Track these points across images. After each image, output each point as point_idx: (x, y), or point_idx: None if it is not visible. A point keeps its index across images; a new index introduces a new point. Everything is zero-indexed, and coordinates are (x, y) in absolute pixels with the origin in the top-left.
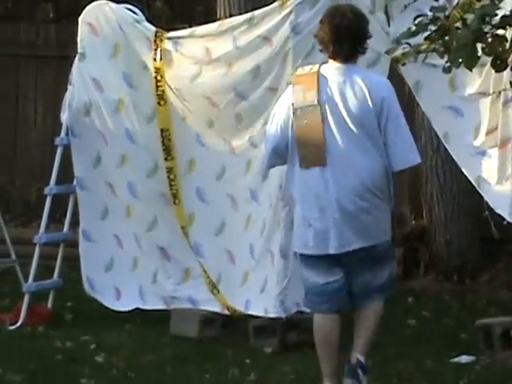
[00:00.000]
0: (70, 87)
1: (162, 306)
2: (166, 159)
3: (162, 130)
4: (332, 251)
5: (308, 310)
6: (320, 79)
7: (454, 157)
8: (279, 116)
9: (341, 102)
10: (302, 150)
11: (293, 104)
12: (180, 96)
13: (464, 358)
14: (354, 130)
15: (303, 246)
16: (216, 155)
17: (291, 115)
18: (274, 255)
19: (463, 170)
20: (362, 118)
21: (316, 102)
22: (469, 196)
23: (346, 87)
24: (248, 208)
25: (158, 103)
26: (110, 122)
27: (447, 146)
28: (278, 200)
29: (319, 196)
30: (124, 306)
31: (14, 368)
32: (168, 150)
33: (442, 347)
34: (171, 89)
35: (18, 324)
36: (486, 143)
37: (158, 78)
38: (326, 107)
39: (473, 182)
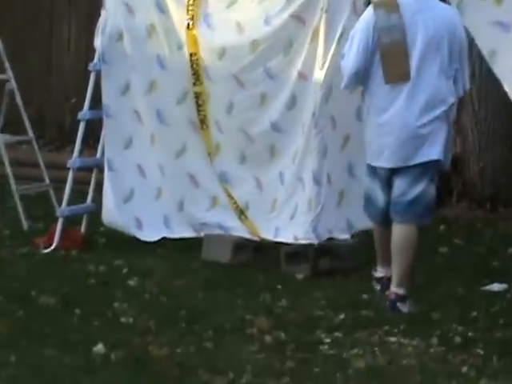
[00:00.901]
0: (103, 12)
1: (191, 234)
2: (194, 84)
3: (190, 55)
4: (391, 165)
5: (340, 237)
6: (400, 5)
7: (500, 76)
8: (359, 37)
9: (420, 25)
10: (387, 66)
11: (376, 23)
12: (209, 24)
13: (496, 286)
14: (430, 52)
15: (369, 156)
16: (226, 89)
17: (372, 36)
18: (306, 182)
19: (508, 92)
20: (438, 43)
21: (399, 22)
22: (503, 125)
23: (424, 13)
24: (269, 139)
25: (187, 26)
26: (141, 48)
27: (492, 66)
28: (311, 128)
29: (391, 111)
30: (149, 236)
31: (48, 291)
32: (197, 75)
33: (473, 275)
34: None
35: (52, 248)
36: None
37: (190, 2)
38: (407, 29)
39: None
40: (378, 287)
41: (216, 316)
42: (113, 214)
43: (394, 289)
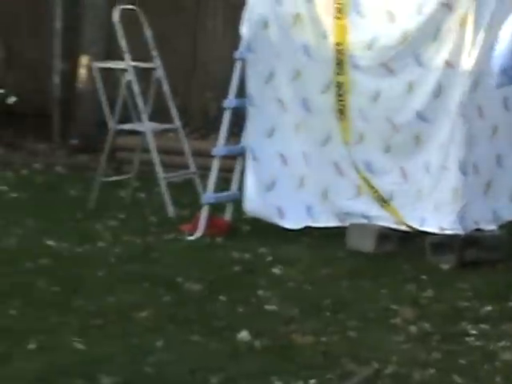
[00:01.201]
0: (250, 0)
1: (335, 223)
2: (337, 74)
3: (336, 44)
4: None
5: (486, 228)
6: None
7: None
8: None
9: None
10: None
11: None
12: (359, 12)
13: None
14: None
15: None
16: (373, 78)
17: None
18: (451, 172)
19: None
20: None
21: None
22: None
23: None
24: (414, 128)
25: (336, 16)
26: (287, 36)
27: None
28: (458, 117)
29: None
30: (291, 224)
31: (193, 277)
32: (341, 65)
33: None
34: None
35: (197, 235)
36: None
37: None
38: None
39: None
40: None
41: (360, 305)
42: (255, 202)
43: None
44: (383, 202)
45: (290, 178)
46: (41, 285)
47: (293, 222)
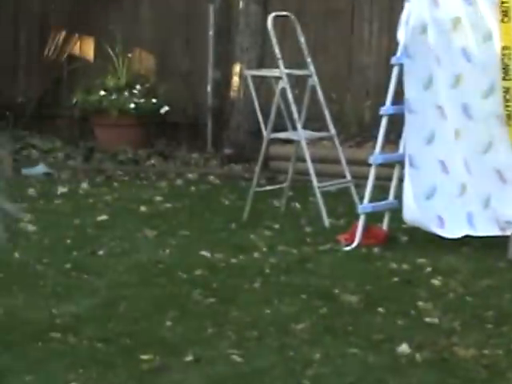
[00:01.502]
0: (407, 4)
1: (496, 232)
2: (503, 79)
3: (502, 48)
4: None
5: None
6: None
7: None
8: None
9: None
10: None
11: None
12: None
13: None
14: None
15: None
16: None
17: None
18: None
19: None
20: None
21: None
22: None
23: None
24: None
25: (502, 20)
26: (446, 40)
27: None
28: None
29: None
30: (451, 233)
31: (349, 289)
32: (507, 70)
33: None
34: None
35: (354, 245)
36: None
37: None
38: None
39: None
40: None
41: None
42: (414, 211)
43: None
44: None
45: (450, 185)
46: (196, 296)
47: (453, 230)
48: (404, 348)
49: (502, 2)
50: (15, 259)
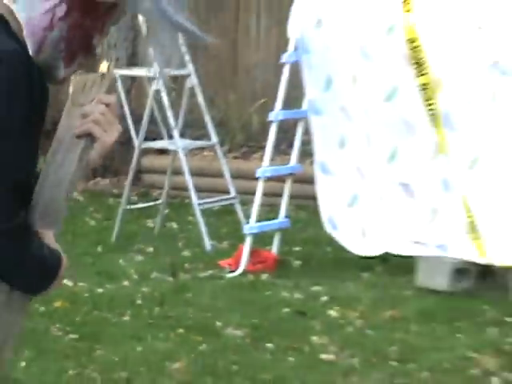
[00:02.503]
0: None
1: (412, 253)
2: (418, 75)
3: (409, 41)
4: None
5: None
6: None
7: None
8: None
9: None
10: None
11: None
12: None
13: None
14: None
15: None
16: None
17: None
18: None
19: None
20: None
21: None
22: None
23: None
24: None
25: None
26: (342, 35)
27: None
28: None
29: None
30: (369, 250)
31: (235, 321)
32: (420, 64)
33: None
34: None
35: (239, 271)
36: None
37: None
38: None
39: None
40: None
41: (433, 353)
42: (335, 220)
43: None
44: (472, 230)
45: (369, 194)
46: (55, 332)
47: (373, 246)
48: None
49: None
50: None
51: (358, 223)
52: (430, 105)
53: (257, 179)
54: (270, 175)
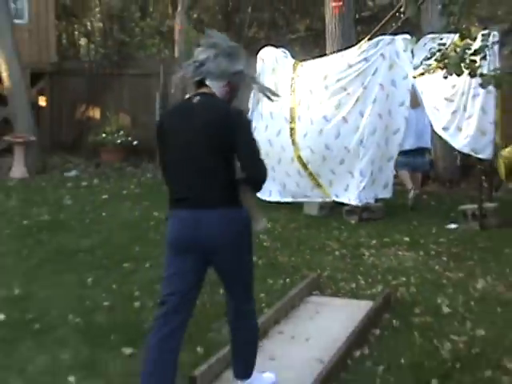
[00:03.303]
0: None
1: (291, 200)
2: (290, 122)
3: (291, 108)
4: None
5: (371, 202)
6: None
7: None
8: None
9: None
10: None
11: None
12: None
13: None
14: None
15: None
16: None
17: None
18: (355, 174)
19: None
20: None
21: None
22: None
23: None
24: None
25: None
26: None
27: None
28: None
29: None
30: (272, 198)
31: None
32: (292, 117)
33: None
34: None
35: None
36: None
37: (294, 76)
38: None
39: None
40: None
41: (311, 241)
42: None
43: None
44: (319, 186)
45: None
46: None
47: (275, 197)
48: None
49: (291, 84)
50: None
51: (273, 185)
52: (292, 135)
53: None
54: None
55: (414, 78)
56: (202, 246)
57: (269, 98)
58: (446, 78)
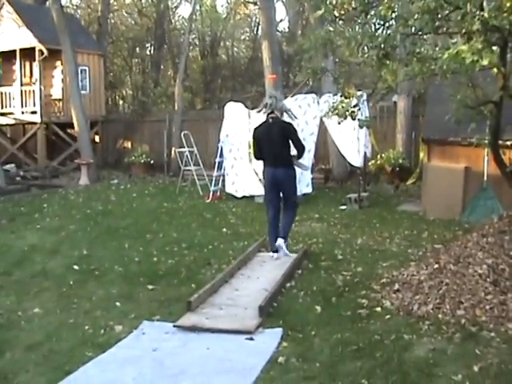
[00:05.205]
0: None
1: (248, 194)
2: (249, 147)
3: (248, 141)
4: None
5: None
6: None
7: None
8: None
9: None
10: None
11: None
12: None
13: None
14: None
15: None
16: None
17: None
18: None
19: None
20: None
21: None
22: None
23: None
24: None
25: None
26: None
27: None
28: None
29: None
30: (238, 194)
31: None
32: (249, 145)
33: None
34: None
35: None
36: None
37: (249, 120)
38: None
39: None
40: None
41: (260, 219)
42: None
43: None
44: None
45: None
46: None
47: (241, 194)
48: None
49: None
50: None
51: (236, 186)
52: (249, 153)
53: None
54: None
55: (321, 118)
56: (277, 181)
57: (291, 117)
58: (339, 123)
